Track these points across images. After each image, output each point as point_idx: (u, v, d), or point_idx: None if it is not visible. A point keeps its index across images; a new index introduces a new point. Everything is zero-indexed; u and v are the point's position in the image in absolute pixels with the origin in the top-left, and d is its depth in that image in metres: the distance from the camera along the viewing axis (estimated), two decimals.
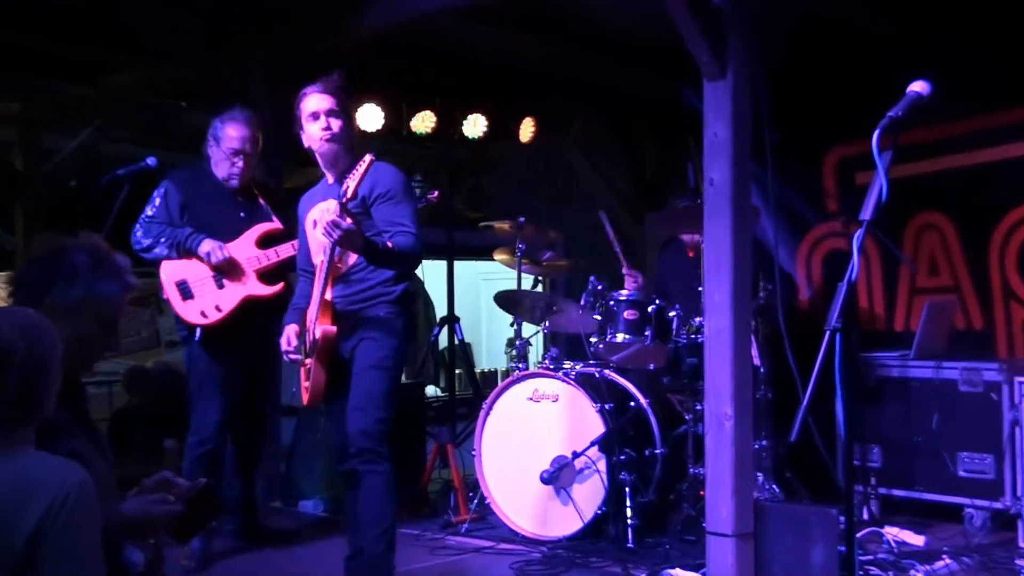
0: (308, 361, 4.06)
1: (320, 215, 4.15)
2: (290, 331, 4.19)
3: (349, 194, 3.82)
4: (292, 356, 4.16)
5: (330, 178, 4.27)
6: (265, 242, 5.01)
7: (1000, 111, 5.79)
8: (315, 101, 4.18)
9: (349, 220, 3.80)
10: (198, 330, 4.90)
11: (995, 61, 5.63)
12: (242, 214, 5.06)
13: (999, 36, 5.59)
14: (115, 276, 2.68)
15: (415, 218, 4.13)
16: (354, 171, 3.86)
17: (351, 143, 4.23)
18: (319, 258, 4.13)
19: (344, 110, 4.21)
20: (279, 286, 4.95)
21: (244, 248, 4.97)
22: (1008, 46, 5.55)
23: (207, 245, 4.85)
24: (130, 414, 7.91)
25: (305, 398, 4.13)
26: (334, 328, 4.02)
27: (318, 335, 3.99)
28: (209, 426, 4.95)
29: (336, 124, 4.16)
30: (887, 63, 5.71)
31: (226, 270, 4.89)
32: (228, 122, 5.00)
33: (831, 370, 2.77)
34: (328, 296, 4.03)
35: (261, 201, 5.14)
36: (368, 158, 3.84)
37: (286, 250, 4.91)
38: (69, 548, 2.12)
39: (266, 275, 4.97)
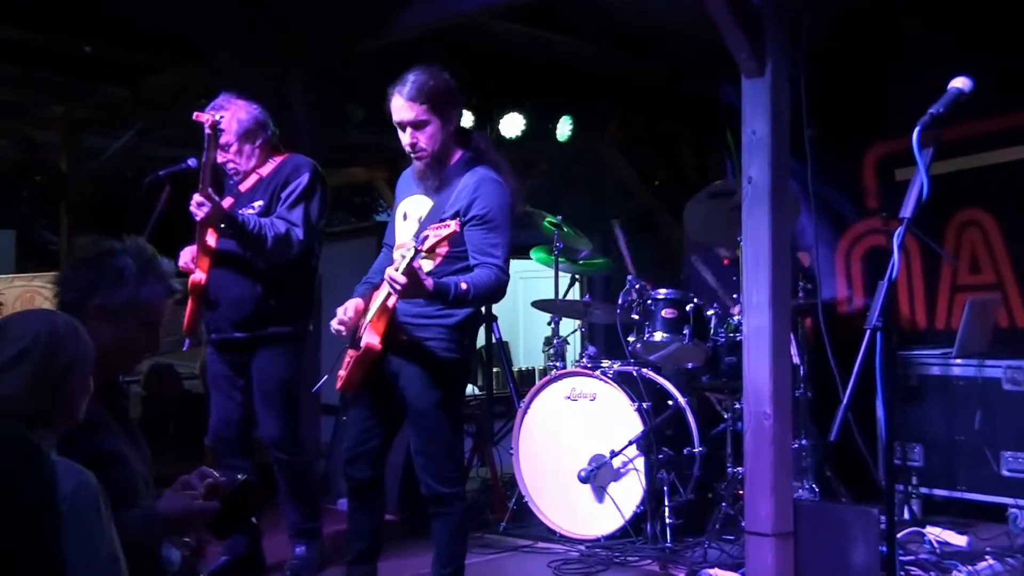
0: (351, 352, 3.84)
1: (403, 235, 3.90)
2: (350, 304, 3.84)
3: (424, 247, 3.49)
4: (336, 328, 3.82)
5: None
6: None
7: None
8: (397, 108, 3.78)
9: (406, 280, 3.48)
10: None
11: None
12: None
13: None
14: (160, 280, 2.70)
15: (508, 247, 3.78)
16: (438, 229, 3.53)
17: (446, 150, 3.84)
18: (398, 253, 3.78)
19: (434, 112, 3.76)
20: (192, 276, 4.51)
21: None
22: None
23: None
24: (156, 411, 7.88)
25: (339, 384, 3.91)
26: (379, 347, 3.72)
27: (362, 344, 3.74)
28: (212, 423, 4.75)
29: (423, 138, 3.77)
30: (928, 59, 5.66)
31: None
32: None
33: (872, 369, 2.75)
34: (391, 303, 3.69)
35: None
36: (453, 226, 3.52)
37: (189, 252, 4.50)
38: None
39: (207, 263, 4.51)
